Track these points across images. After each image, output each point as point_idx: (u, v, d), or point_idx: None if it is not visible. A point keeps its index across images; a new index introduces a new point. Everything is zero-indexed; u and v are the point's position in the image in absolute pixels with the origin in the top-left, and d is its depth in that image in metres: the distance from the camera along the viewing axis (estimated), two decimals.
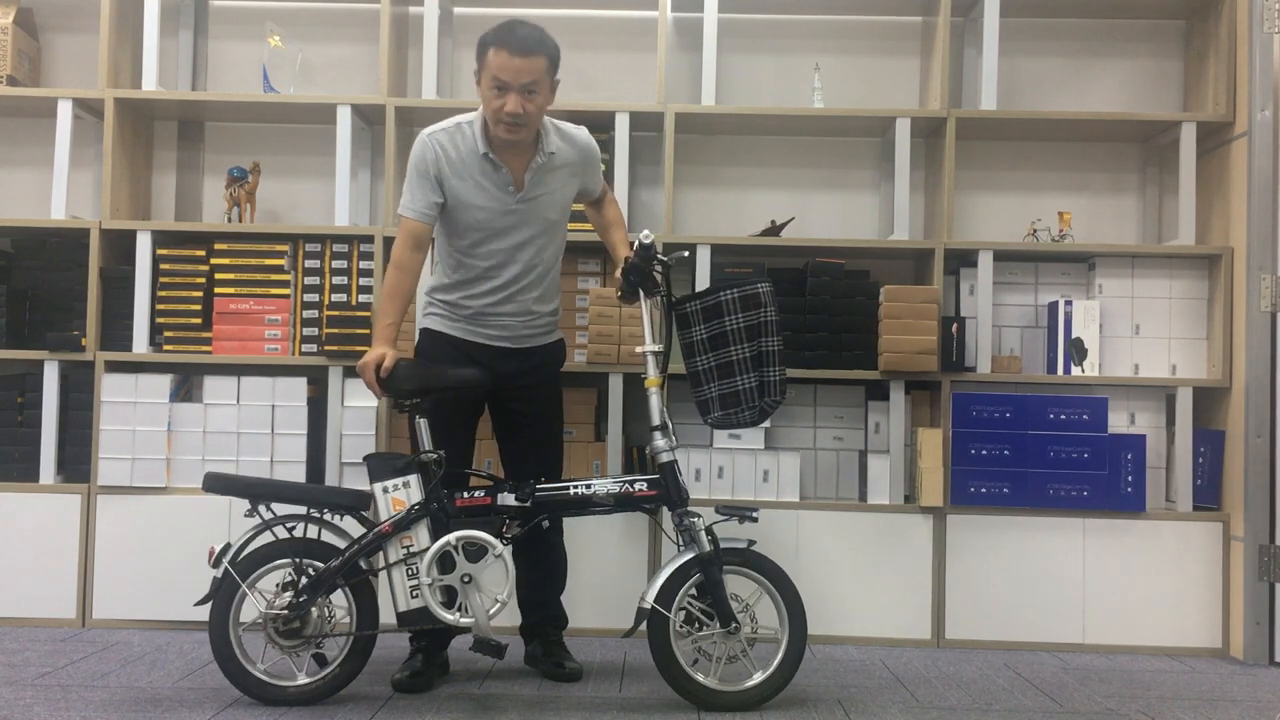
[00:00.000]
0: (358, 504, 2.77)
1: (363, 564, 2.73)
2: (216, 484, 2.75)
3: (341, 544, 2.74)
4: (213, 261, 3.63)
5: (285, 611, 2.66)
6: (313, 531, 2.77)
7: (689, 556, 2.71)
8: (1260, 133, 3.42)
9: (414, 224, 2.84)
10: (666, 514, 2.77)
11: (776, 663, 2.75)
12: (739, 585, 2.78)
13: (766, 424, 3.54)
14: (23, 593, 3.50)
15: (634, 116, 3.65)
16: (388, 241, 3.52)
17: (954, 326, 3.54)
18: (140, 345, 3.58)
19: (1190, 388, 3.55)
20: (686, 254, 2.96)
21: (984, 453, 3.52)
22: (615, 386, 3.54)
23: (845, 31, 3.99)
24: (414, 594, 2.69)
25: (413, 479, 2.74)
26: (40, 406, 3.55)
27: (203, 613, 2.71)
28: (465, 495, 2.76)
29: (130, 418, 3.51)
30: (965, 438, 3.52)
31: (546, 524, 2.84)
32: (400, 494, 2.73)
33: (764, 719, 2.69)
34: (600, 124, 3.58)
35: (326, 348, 3.52)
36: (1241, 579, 3.40)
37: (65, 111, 3.65)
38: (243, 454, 3.51)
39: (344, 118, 3.64)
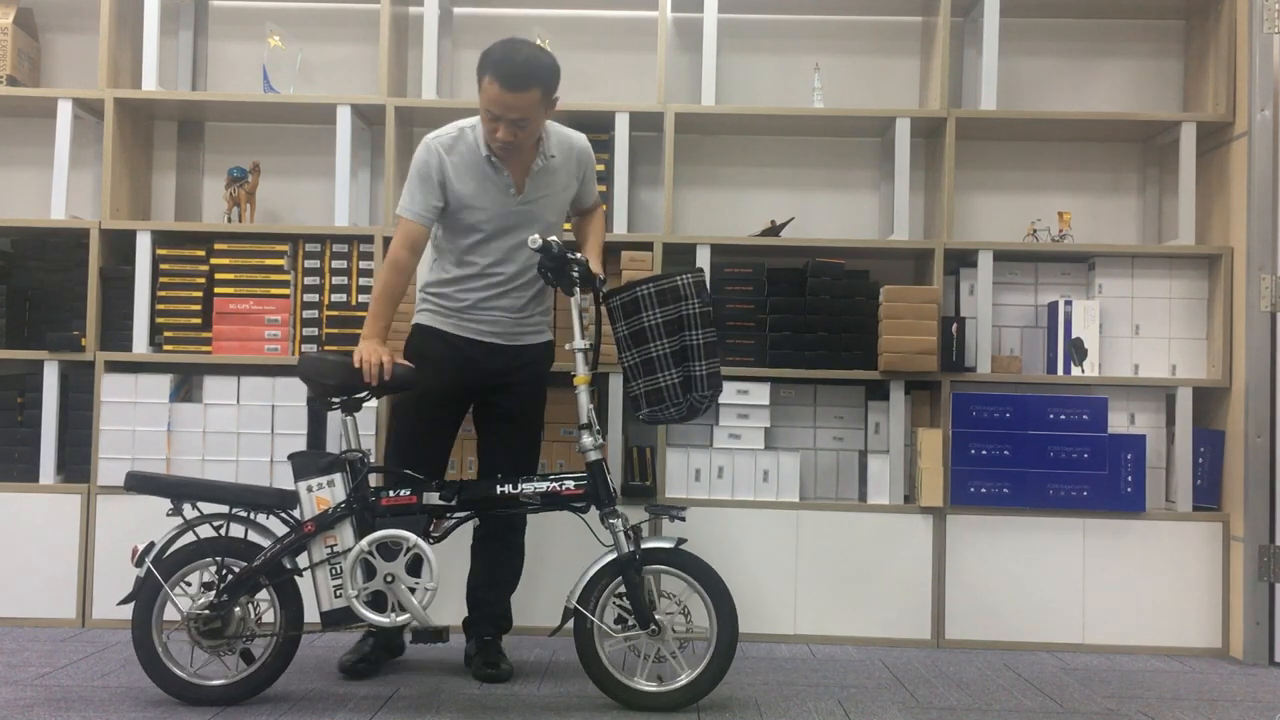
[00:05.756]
0: (282, 503, 2.75)
1: (287, 564, 2.71)
2: (139, 483, 2.72)
3: (267, 544, 2.72)
4: (213, 261, 3.62)
5: (206, 611, 2.65)
6: (241, 531, 2.75)
7: (610, 558, 2.70)
8: (1260, 133, 3.42)
9: (412, 225, 2.87)
10: (596, 514, 2.74)
11: (705, 663, 2.72)
12: (671, 585, 2.76)
13: (773, 423, 3.55)
14: (23, 593, 3.50)
15: (634, 116, 3.65)
16: (388, 242, 3.47)
17: (954, 326, 3.54)
18: (140, 345, 3.58)
19: (1190, 388, 3.55)
20: (584, 256, 2.92)
21: (984, 453, 3.52)
22: (615, 388, 3.54)
23: (845, 31, 3.99)
24: (337, 594, 2.68)
25: (337, 478, 2.73)
26: (40, 406, 3.55)
27: None
28: (390, 494, 2.75)
29: (130, 418, 3.51)
30: (965, 438, 3.52)
31: (479, 522, 2.85)
32: (324, 493, 2.72)
33: (764, 718, 2.69)
34: (600, 124, 3.58)
35: (326, 348, 3.52)
36: (1241, 579, 3.41)
37: (65, 111, 3.65)
38: (243, 454, 3.51)
39: (344, 118, 3.64)
